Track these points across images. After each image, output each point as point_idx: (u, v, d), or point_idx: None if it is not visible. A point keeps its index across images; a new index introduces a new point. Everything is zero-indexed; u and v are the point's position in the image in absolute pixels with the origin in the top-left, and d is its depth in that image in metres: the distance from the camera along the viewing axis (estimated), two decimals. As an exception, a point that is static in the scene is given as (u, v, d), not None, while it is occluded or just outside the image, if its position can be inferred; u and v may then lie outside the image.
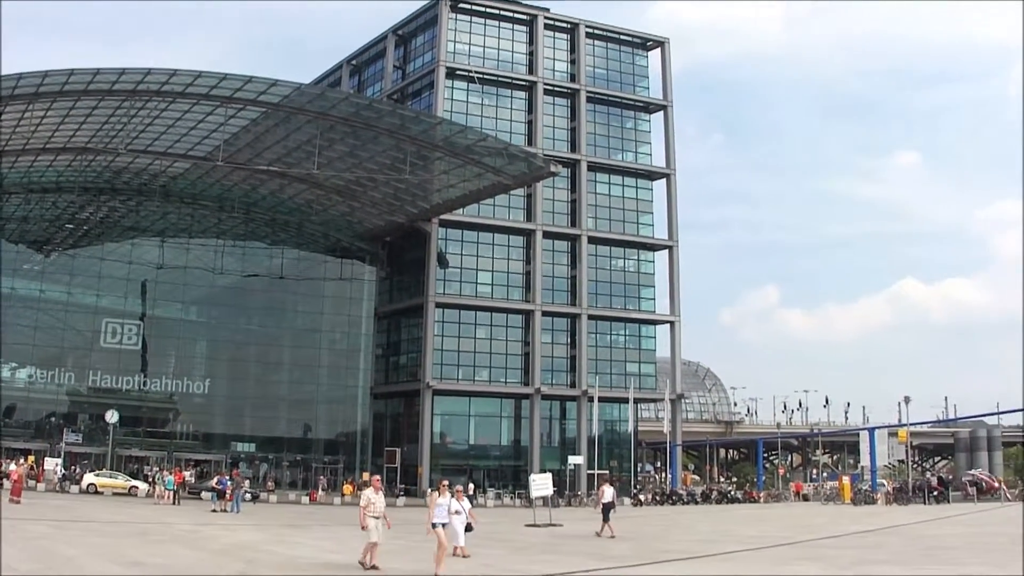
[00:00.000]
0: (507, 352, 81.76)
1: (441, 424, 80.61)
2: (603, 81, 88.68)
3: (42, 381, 78.52)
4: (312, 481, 75.57)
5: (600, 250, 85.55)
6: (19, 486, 45.96)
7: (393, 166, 70.04)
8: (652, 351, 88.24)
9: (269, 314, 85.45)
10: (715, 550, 29.94)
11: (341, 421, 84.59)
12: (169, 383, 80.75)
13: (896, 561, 25.57)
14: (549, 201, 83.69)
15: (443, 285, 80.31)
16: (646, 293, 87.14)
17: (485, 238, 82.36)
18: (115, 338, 78.36)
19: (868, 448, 76.14)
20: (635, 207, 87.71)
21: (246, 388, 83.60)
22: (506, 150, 68.78)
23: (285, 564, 24.09)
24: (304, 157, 69.95)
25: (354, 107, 68.74)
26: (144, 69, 59.45)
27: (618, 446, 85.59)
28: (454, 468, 78.49)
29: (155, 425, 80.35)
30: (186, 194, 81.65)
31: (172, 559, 24.41)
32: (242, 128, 68.48)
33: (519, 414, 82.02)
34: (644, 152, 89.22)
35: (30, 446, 72.28)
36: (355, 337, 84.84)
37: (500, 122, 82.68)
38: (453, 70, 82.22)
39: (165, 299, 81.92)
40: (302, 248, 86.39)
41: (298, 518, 47.59)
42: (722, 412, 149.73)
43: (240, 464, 76.81)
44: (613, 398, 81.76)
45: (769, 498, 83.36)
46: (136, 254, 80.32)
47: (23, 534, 28.93)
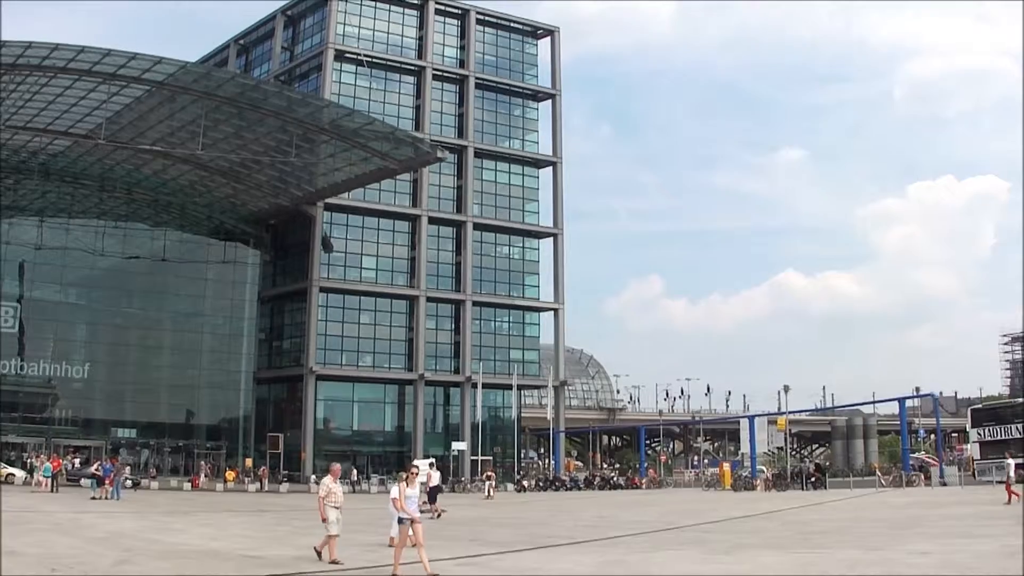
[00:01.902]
0: (391, 338, 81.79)
1: (325, 410, 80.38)
2: (492, 68, 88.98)
3: (-89, 365, 76.22)
4: (194, 467, 74.71)
5: (486, 237, 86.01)
6: None
7: (279, 148, 69.52)
8: (536, 338, 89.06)
9: (151, 297, 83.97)
10: (598, 535, 30.33)
11: (223, 406, 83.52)
12: (47, 367, 78.80)
13: (773, 545, 26.15)
14: (435, 187, 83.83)
15: (328, 269, 80.00)
16: (530, 280, 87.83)
17: (370, 223, 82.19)
18: (-9, 320, 76.51)
19: (748, 435, 77.45)
20: (521, 195, 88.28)
21: (127, 373, 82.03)
22: (393, 135, 68.75)
23: (166, 552, 23.81)
24: (188, 137, 69.03)
25: (240, 88, 67.99)
26: (24, 42, 57.89)
27: (502, 432, 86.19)
28: (338, 454, 77.99)
29: (33, 410, 78.31)
30: (66, 173, 79.72)
31: (48, 547, 23.98)
32: (125, 106, 67.22)
33: (403, 400, 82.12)
34: (531, 140, 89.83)
35: (-101, 435, 70.27)
36: (238, 321, 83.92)
37: (388, 106, 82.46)
38: (342, 53, 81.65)
39: (43, 281, 79.84)
40: (185, 230, 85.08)
41: (180, 505, 47.08)
42: (605, 399, 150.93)
43: (121, 450, 75.58)
44: (497, 384, 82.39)
45: (651, 484, 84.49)
46: (13, 234, 78.15)
47: None
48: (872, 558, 22.10)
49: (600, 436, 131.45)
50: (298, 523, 36.00)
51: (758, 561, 22.52)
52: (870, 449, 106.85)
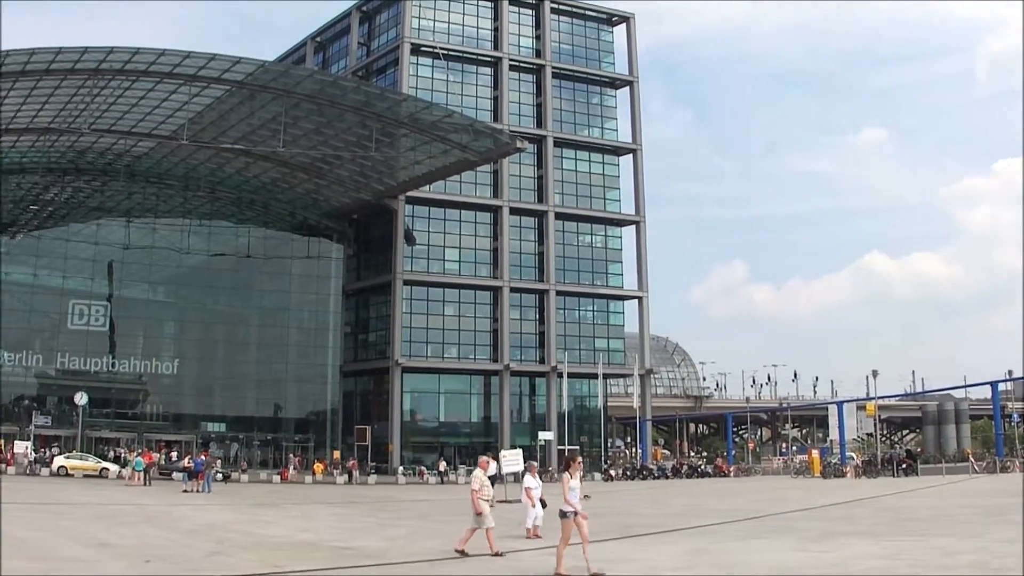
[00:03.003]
0: (476, 329, 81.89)
1: (411, 401, 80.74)
2: (568, 57, 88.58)
3: (10, 364, 77.90)
4: (283, 460, 75.47)
5: (567, 226, 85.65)
6: (-11, 469, 45.80)
7: (359, 143, 69.81)
8: (621, 327, 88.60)
9: (237, 293, 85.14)
10: (686, 524, 30.04)
11: (311, 400, 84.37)
12: (138, 364, 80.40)
13: (865, 532, 25.71)
14: (516, 177, 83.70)
15: (411, 262, 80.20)
16: (614, 269, 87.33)
17: (452, 215, 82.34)
18: (82, 319, 77.98)
19: (837, 422, 76.55)
20: (602, 183, 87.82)
21: (215, 368, 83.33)
22: (472, 126, 68.73)
23: (257, 544, 23.98)
24: (269, 135, 69.66)
25: (319, 84, 68.51)
26: (107, 48, 59.06)
27: (588, 422, 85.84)
28: (424, 445, 78.87)
29: (124, 406, 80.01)
30: (151, 173, 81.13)
31: (142, 539, 24.33)
32: (207, 106, 68.07)
33: (489, 391, 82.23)
34: (610, 128, 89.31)
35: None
36: (323, 315, 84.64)
37: (466, 98, 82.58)
38: (418, 46, 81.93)
39: (132, 279, 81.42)
40: (269, 226, 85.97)
41: (269, 497, 47.45)
42: (691, 387, 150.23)
43: (211, 444, 76.65)
44: (582, 374, 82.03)
45: (740, 472, 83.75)
46: (102, 235, 79.78)
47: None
48: (967, 546, 21.61)
49: (687, 424, 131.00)
50: (386, 515, 36.13)
51: (851, 549, 22.11)
52: (962, 434, 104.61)
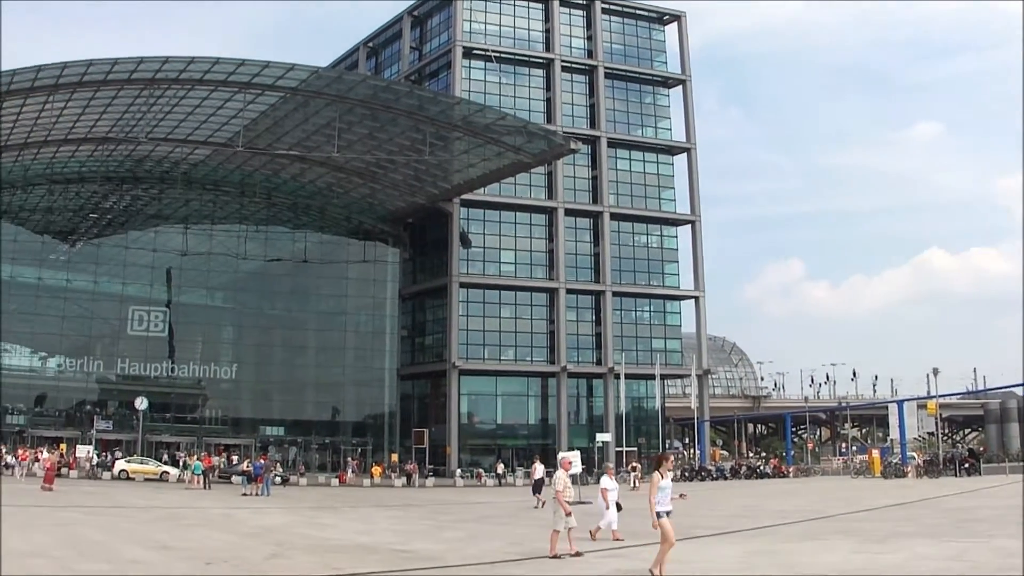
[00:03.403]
0: (532, 331, 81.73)
1: (468, 404, 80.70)
2: (620, 56, 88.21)
3: (71, 370, 79.34)
4: (341, 463, 75.83)
5: (623, 226, 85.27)
6: (51, 473, 46.53)
7: (413, 147, 70.07)
8: (677, 327, 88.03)
9: (294, 298, 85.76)
10: (746, 525, 29.82)
11: (368, 403, 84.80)
12: (197, 369, 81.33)
13: (928, 534, 25.35)
14: (570, 178, 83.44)
15: (466, 265, 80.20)
16: (670, 268, 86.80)
17: (507, 217, 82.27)
18: (142, 325, 78.97)
19: (897, 421, 75.66)
20: (656, 182, 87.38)
21: (273, 372, 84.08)
22: (525, 128, 68.70)
23: (316, 546, 24.13)
24: (324, 140, 70.05)
25: (372, 89, 68.84)
26: (162, 57, 59.74)
27: (646, 423, 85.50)
28: (482, 448, 78.84)
29: (184, 411, 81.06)
30: (208, 180, 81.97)
31: (202, 542, 24.55)
32: (261, 113, 68.75)
33: (546, 392, 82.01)
34: (664, 127, 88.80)
35: (61, 434, 73.34)
36: (380, 319, 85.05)
37: (519, 100, 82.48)
38: (470, 49, 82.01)
39: (190, 286, 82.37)
40: (325, 231, 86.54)
41: (328, 500, 47.66)
42: (749, 387, 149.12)
43: (269, 448, 77.29)
44: (640, 375, 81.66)
45: (799, 472, 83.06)
46: (160, 241, 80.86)
47: (56, 520, 29.21)
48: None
49: (745, 424, 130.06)
50: (444, 518, 36.15)
51: (913, 550, 21.80)
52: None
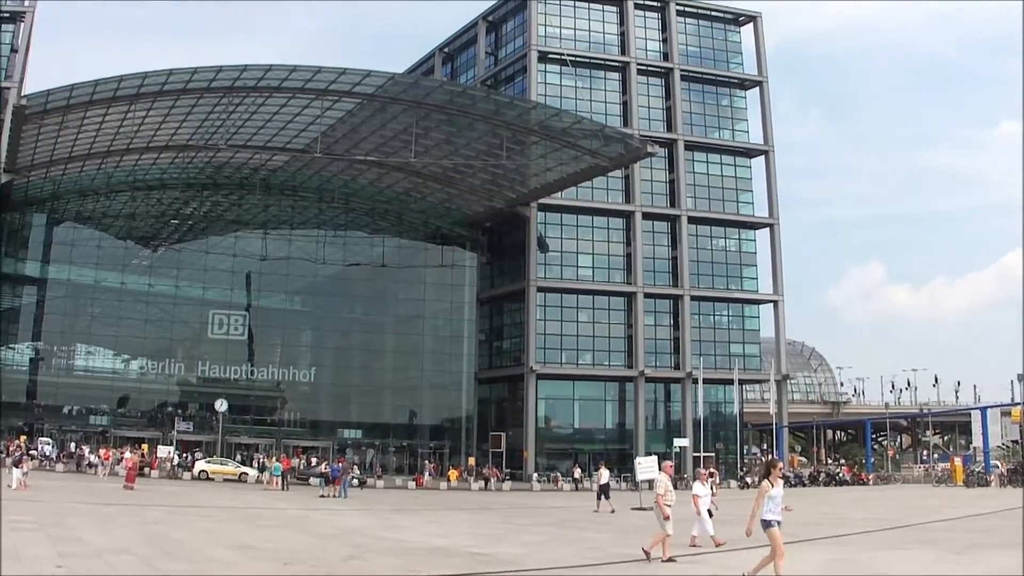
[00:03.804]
0: (610, 335, 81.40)
1: (546, 408, 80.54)
2: (696, 59, 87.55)
3: (153, 372, 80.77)
4: (418, 466, 76.13)
5: (700, 230, 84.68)
6: (133, 473, 47.35)
7: (490, 152, 70.15)
8: (756, 331, 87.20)
9: (372, 302, 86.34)
10: (823, 533, 29.39)
11: (446, 406, 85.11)
12: (276, 372, 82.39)
13: (1011, 545, 24.74)
14: (647, 182, 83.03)
15: (544, 269, 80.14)
16: (748, 272, 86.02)
17: (584, 221, 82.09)
18: (222, 329, 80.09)
19: (980, 428, 74.53)
20: (734, 185, 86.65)
21: (351, 375, 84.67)
22: (602, 132, 68.44)
23: (393, 548, 24.19)
24: (401, 146, 70.43)
25: (448, 95, 69.03)
26: (240, 66, 60.64)
27: (724, 428, 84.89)
28: (559, 452, 78.64)
29: (263, 413, 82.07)
30: (286, 186, 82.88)
31: (281, 543, 24.74)
32: (338, 119, 69.30)
33: (623, 397, 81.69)
34: (741, 129, 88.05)
35: (143, 435, 74.51)
36: (458, 323, 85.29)
37: (595, 104, 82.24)
38: (545, 54, 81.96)
39: (269, 290, 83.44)
40: (402, 236, 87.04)
41: (405, 503, 47.86)
42: (828, 393, 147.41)
43: (347, 450, 77.90)
44: (718, 379, 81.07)
45: (879, 480, 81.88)
46: (240, 246, 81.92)
47: (137, 519, 29.62)
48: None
49: (824, 431, 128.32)
50: (521, 521, 36.15)
51: (995, 562, 21.43)
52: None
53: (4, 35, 72.66)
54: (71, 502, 35.64)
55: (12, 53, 71.99)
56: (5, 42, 72.46)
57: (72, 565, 18.09)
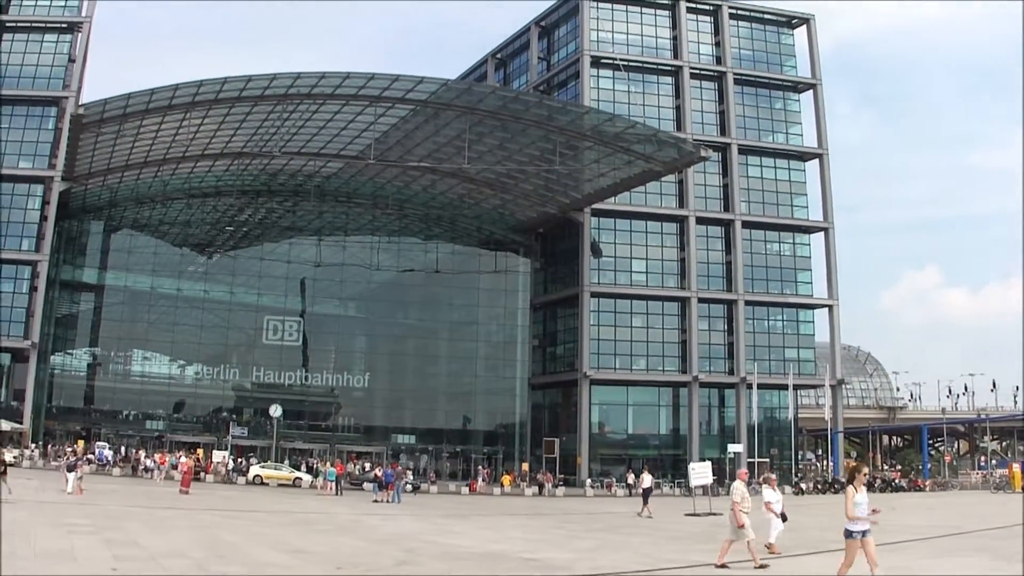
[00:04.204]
0: (664, 340, 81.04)
1: (599, 414, 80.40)
2: (749, 62, 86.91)
3: (208, 377, 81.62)
4: (472, 472, 76.23)
5: (754, 234, 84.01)
6: (188, 477, 47.95)
7: (543, 157, 70.15)
8: (811, 336, 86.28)
9: (426, 308, 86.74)
10: (882, 540, 28.89)
11: (500, 412, 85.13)
12: (330, 377, 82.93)
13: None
14: (701, 186, 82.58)
15: (597, 274, 79.92)
16: (803, 277, 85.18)
17: (638, 226, 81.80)
18: (276, 335, 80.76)
19: (1040, 433, 73.39)
20: (788, 189, 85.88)
21: (405, 381, 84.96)
22: (655, 136, 68.29)
23: (445, 553, 24.25)
24: (454, 152, 70.62)
25: (501, 100, 69.11)
26: (294, 74, 61.19)
27: (778, 433, 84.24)
28: (613, 458, 78.47)
29: (317, 418, 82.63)
30: (340, 193, 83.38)
31: (334, 547, 24.94)
32: (392, 126, 69.69)
33: (677, 402, 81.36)
34: (795, 133, 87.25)
35: (198, 440, 75.52)
36: (511, 329, 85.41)
37: (648, 108, 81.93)
38: (598, 59, 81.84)
39: (323, 296, 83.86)
40: (456, 242, 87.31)
41: (458, 508, 47.95)
42: (884, 397, 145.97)
43: (401, 456, 78.13)
44: (772, 385, 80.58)
45: (936, 486, 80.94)
46: (294, 253, 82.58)
47: (192, 523, 29.93)
48: None
49: (880, 436, 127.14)
50: (574, 527, 36.06)
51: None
52: None
53: (61, 45, 73.94)
54: (127, 506, 36.07)
55: (69, 63, 73.38)
56: (62, 52, 73.75)
57: (127, 568, 18.33)
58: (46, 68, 73.44)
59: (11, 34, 75.25)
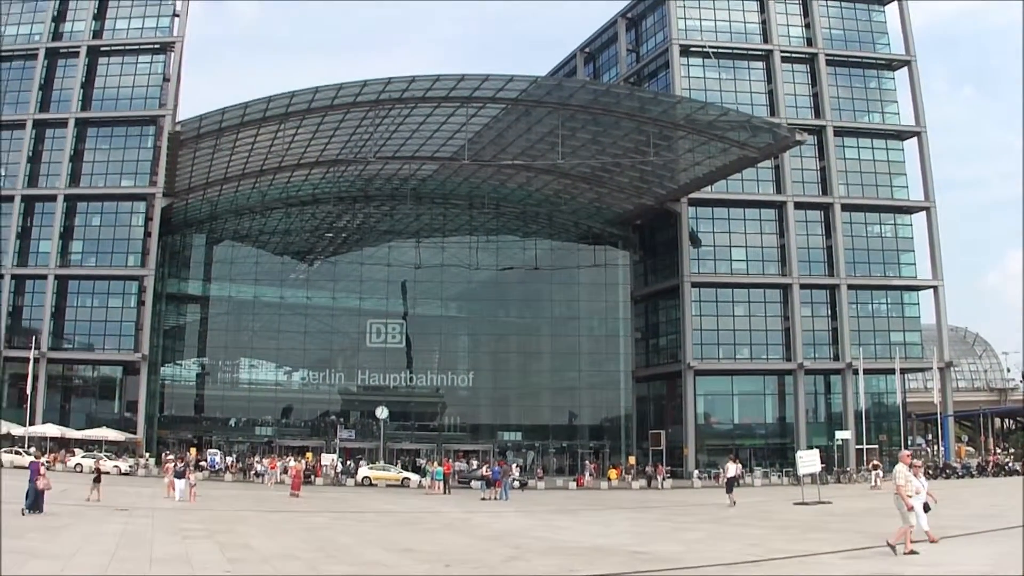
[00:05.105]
0: (767, 328, 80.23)
1: (704, 404, 79.86)
2: (841, 42, 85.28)
3: (315, 382, 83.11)
4: (578, 467, 76.32)
5: (855, 217, 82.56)
6: (298, 481, 48.69)
7: (637, 149, 70.01)
8: (916, 318, 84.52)
9: (526, 305, 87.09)
10: (993, 525, 28.50)
11: (604, 406, 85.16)
12: (434, 378, 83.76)
13: None
14: (798, 170, 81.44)
15: (697, 264, 79.35)
16: (906, 258, 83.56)
17: (736, 213, 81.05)
18: (380, 338, 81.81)
19: None
20: (887, 169, 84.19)
21: (508, 378, 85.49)
22: (749, 123, 67.59)
23: (553, 549, 24.37)
24: (548, 148, 70.76)
25: (592, 94, 69.09)
26: (384, 79, 61.97)
27: (886, 419, 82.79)
28: (720, 448, 77.71)
29: (423, 419, 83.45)
30: (436, 195, 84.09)
31: (442, 545, 25.21)
32: (484, 126, 70.11)
33: (783, 390, 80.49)
34: (891, 112, 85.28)
35: (307, 444, 76.86)
36: (613, 322, 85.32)
37: (739, 95, 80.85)
38: (687, 47, 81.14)
39: (425, 297, 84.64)
40: (554, 238, 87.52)
41: (566, 504, 48.06)
42: (994, 379, 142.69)
43: (507, 453, 78.51)
44: (878, 369, 79.27)
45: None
46: (393, 256, 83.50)
47: (303, 525, 30.47)
48: None
49: (991, 419, 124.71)
50: (682, 519, 36.00)
51: None
52: None
53: (155, 66, 75.98)
54: (239, 510, 36.83)
55: (164, 82, 75.33)
56: (156, 72, 75.82)
57: (240, 569, 18.81)
58: (142, 88, 76.02)
59: (107, 58, 77.86)
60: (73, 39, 78.46)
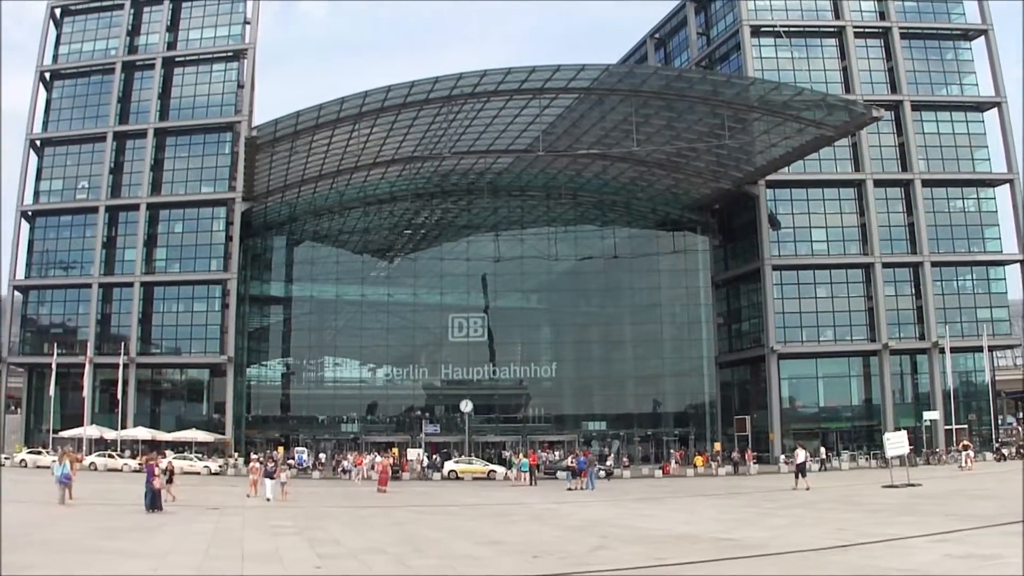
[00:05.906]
0: (850, 309, 79.29)
1: (789, 388, 79.29)
2: (914, 14, 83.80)
3: (399, 378, 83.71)
4: (664, 454, 76.15)
5: (936, 192, 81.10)
6: (385, 476, 49.37)
7: (711, 133, 69.59)
8: (1003, 294, 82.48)
9: (607, 294, 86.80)
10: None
11: (688, 393, 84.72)
12: (517, 370, 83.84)
13: None
14: (876, 147, 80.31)
15: (777, 247, 78.67)
16: (990, 233, 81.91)
17: (814, 194, 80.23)
18: (462, 332, 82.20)
19: None
20: (967, 142, 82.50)
21: (591, 368, 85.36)
22: (824, 101, 66.76)
23: (639, 537, 24.43)
24: (622, 136, 70.70)
25: (664, 80, 68.75)
26: (455, 75, 62.35)
27: (975, 398, 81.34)
28: (805, 432, 77.09)
29: (507, 411, 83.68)
30: (513, 187, 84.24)
31: (529, 536, 25.39)
32: (558, 116, 70.16)
33: (868, 372, 79.49)
34: (969, 83, 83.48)
35: (392, 439, 77.61)
36: (694, 308, 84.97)
37: (813, 73, 79.84)
38: (757, 28, 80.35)
39: (505, 290, 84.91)
40: (632, 226, 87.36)
41: (652, 492, 48.05)
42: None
43: (592, 442, 78.57)
44: (966, 347, 77.77)
45: None
46: (473, 250, 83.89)
47: (390, 520, 30.90)
48: None
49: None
50: (768, 505, 35.86)
51: None
52: None
53: (229, 73, 77.30)
54: (327, 507, 37.39)
55: (239, 88, 76.69)
56: (231, 79, 77.17)
57: (330, 565, 19.19)
58: (217, 96, 77.57)
59: (182, 68, 79.53)
60: (148, 51, 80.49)
